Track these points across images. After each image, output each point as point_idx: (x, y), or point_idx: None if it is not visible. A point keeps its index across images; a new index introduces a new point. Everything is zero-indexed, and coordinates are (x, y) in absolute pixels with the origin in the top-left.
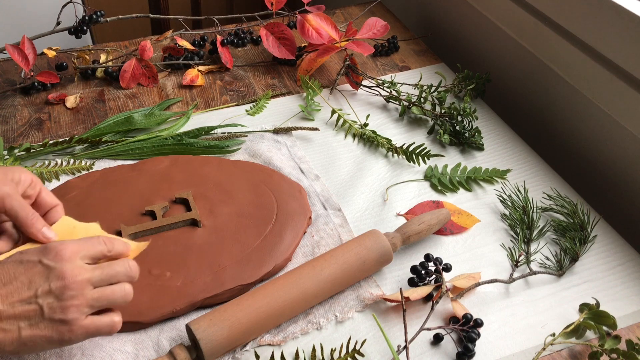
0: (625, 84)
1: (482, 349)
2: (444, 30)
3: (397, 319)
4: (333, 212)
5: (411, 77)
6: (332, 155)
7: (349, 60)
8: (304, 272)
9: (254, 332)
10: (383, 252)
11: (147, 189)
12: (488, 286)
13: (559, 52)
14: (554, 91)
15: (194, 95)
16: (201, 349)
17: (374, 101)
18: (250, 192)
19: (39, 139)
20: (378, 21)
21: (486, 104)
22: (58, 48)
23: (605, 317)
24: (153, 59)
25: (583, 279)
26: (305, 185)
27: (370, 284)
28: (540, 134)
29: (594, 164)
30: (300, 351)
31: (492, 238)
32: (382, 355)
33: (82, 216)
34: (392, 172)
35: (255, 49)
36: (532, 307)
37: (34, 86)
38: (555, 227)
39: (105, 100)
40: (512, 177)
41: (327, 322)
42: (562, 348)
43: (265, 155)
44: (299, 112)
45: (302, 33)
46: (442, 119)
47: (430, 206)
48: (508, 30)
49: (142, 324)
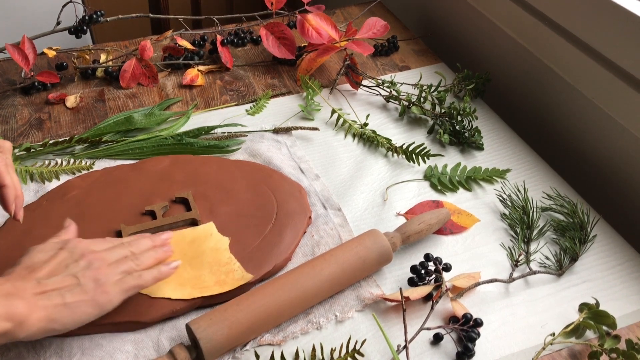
0: (625, 84)
1: (482, 349)
2: (444, 30)
3: (397, 318)
4: (333, 212)
5: (411, 77)
6: (332, 155)
7: (348, 60)
8: (304, 272)
9: (254, 331)
10: (383, 251)
11: (147, 188)
12: (488, 286)
13: (559, 52)
14: (554, 91)
15: (194, 95)
16: (201, 348)
17: (373, 101)
18: (250, 192)
19: (39, 138)
20: (378, 21)
21: (486, 104)
22: (58, 48)
23: (605, 317)
24: (153, 58)
25: (583, 278)
26: (305, 185)
27: (370, 283)
28: (540, 134)
29: (594, 164)
30: (300, 351)
31: (491, 238)
32: (382, 355)
33: (82, 216)
34: (392, 171)
35: (255, 48)
36: (532, 307)
37: (34, 86)
38: (555, 227)
39: (105, 100)
40: (512, 177)
41: (327, 321)
42: (561, 348)
43: (265, 155)
44: (299, 112)
45: (302, 33)
46: (442, 119)
47: (430, 206)
48: (508, 30)
49: (142, 323)
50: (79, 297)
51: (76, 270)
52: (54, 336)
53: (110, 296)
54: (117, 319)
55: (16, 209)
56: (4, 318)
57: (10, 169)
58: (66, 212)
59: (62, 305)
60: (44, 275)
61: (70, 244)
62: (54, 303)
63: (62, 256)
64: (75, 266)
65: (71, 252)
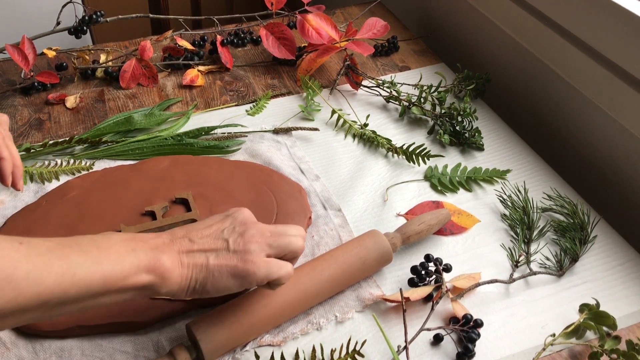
0: (625, 84)
1: (482, 349)
2: (444, 30)
3: (397, 319)
4: (333, 212)
5: (411, 77)
6: (332, 155)
7: (349, 61)
8: (303, 273)
9: (254, 332)
10: (383, 252)
11: (147, 189)
12: (488, 286)
13: (558, 52)
14: (554, 91)
15: (194, 95)
16: (201, 349)
17: (374, 101)
18: (250, 192)
19: (39, 139)
20: (378, 21)
21: (486, 104)
22: (58, 48)
23: (605, 318)
24: (153, 59)
25: (583, 279)
26: (305, 186)
27: (370, 284)
28: (540, 134)
29: (594, 164)
30: (300, 351)
31: (492, 238)
32: (382, 355)
33: (81, 217)
34: (392, 172)
35: (255, 49)
36: (532, 308)
37: (34, 86)
38: (555, 228)
39: (105, 100)
40: (512, 177)
41: (327, 322)
42: (562, 348)
43: (265, 156)
44: (299, 112)
45: (302, 33)
46: (442, 119)
47: (430, 206)
48: (508, 30)
49: (142, 324)
50: (223, 262)
51: (230, 235)
52: (54, 337)
53: (256, 267)
54: (117, 320)
55: (15, 180)
56: (147, 270)
57: (8, 141)
58: (66, 213)
59: (204, 267)
60: (198, 236)
61: (237, 212)
62: (197, 262)
63: (226, 222)
64: (231, 232)
65: (234, 218)
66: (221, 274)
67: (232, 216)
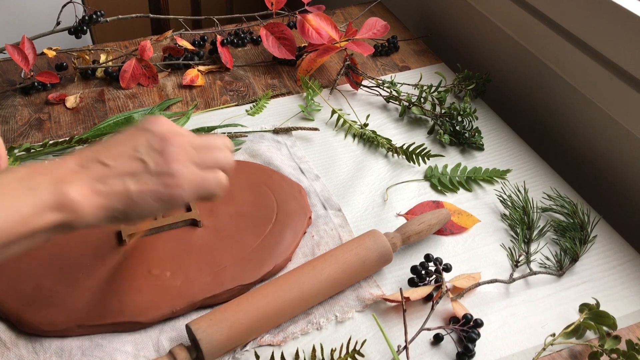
0: (625, 84)
1: (482, 349)
2: (444, 30)
3: (397, 319)
4: (333, 212)
5: (411, 77)
6: (332, 155)
7: (349, 60)
8: (304, 272)
9: (254, 332)
10: (383, 252)
11: None
12: (488, 286)
13: (558, 52)
14: (554, 91)
15: (194, 95)
16: (201, 349)
17: (374, 101)
18: (250, 192)
19: (39, 139)
20: (378, 21)
21: (486, 104)
22: (58, 48)
23: (606, 317)
24: (153, 59)
25: (583, 279)
26: (305, 185)
27: (370, 284)
28: (540, 134)
29: (594, 164)
30: (300, 351)
31: (492, 238)
32: (382, 355)
33: None
34: (392, 172)
35: (255, 49)
36: (532, 307)
37: (33, 86)
38: (555, 227)
39: (105, 100)
40: (512, 177)
41: (327, 322)
42: (562, 348)
43: (265, 155)
44: (299, 112)
45: (302, 33)
46: (442, 119)
47: (430, 206)
48: (508, 30)
49: (142, 324)
50: (144, 187)
51: (147, 153)
52: (54, 336)
53: (181, 190)
54: (117, 319)
55: None
56: (53, 208)
57: None
58: None
59: (122, 194)
60: (109, 156)
61: (151, 123)
62: (115, 190)
63: (139, 137)
64: (149, 149)
65: (149, 131)
66: (145, 200)
67: (146, 129)
